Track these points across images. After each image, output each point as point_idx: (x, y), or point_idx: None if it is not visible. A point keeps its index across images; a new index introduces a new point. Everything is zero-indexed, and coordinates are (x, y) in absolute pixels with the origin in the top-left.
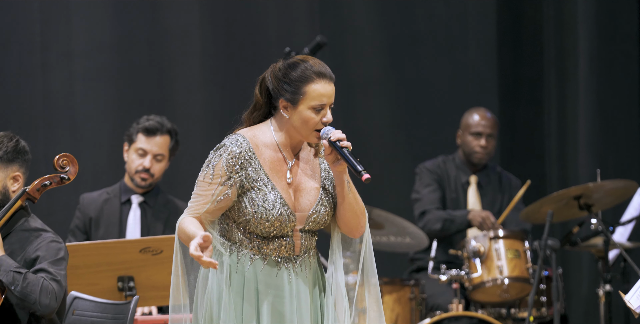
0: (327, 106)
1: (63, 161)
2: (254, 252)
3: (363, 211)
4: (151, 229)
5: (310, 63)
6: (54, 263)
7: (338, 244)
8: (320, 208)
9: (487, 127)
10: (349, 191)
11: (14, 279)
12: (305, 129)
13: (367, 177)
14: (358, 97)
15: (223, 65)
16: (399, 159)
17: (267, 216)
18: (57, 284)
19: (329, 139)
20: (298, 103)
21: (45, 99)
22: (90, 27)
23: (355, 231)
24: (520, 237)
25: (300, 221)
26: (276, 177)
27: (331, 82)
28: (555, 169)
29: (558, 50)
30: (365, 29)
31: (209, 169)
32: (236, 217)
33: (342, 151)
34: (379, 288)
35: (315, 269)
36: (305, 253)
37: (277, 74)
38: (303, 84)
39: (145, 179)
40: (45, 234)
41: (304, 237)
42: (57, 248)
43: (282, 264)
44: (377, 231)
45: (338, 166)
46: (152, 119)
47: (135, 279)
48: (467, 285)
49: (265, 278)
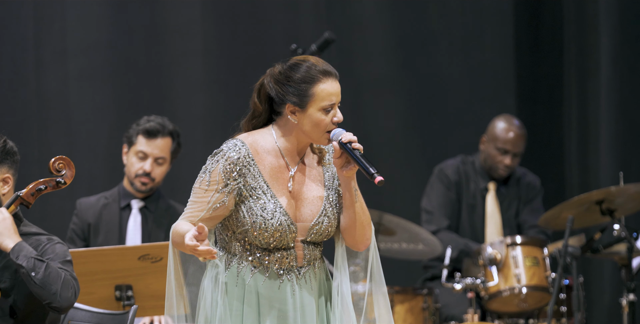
0: (335, 105)
1: (59, 164)
2: (255, 264)
3: (369, 221)
4: (152, 235)
5: (312, 62)
6: (65, 264)
7: (343, 257)
8: (323, 219)
9: (516, 146)
10: (356, 200)
11: (35, 266)
12: (317, 132)
13: (380, 179)
14: (368, 97)
15: (226, 64)
16: (411, 162)
17: (266, 225)
18: (76, 283)
19: (339, 141)
20: (307, 106)
21: (38, 99)
22: (86, 24)
23: (360, 244)
24: (538, 244)
25: (301, 232)
26: (276, 185)
27: (337, 79)
28: (576, 173)
29: (579, 49)
30: (376, 25)
31: (206, 175)
32: (235, 228)
33: (354, 153)
34: (388, 297)
35: (321, 280)
36: (309, 264)
37: (279, 78)
38: (310, 85)
39: (145, 184)
40: (46, 237)
41: (307, 248)
42: (63, 249)
43: (285, 276)
44: (389, 238)
45: (347, 171)
46: (153, 121)
47: (134, 288)
48: (483, 294)
49: (267, 291)
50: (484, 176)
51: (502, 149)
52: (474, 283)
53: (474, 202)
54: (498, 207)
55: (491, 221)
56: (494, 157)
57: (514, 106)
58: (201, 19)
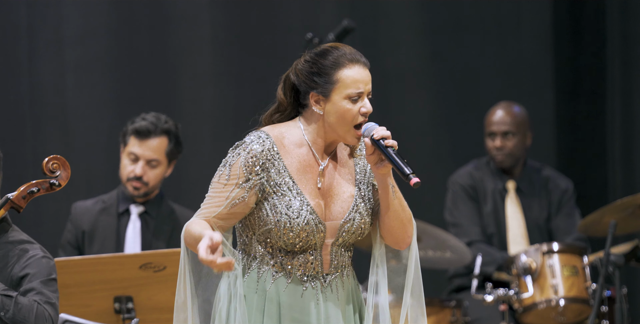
0: (364, 95)
1: (53, 164)
2: (277, 269)
3: (410, 218)
4: (153, 244)
5: (343, 50)
6: (47, 283)
7: (382, 257)
8: (354, 216)
9: (500, 124)
10: (394, 197)
11: (4, 305)
12: (343, 124)
13: (416, 181)
14: (393, 91)
15: (237, 55)
16: (440, 162)
17: (292, 225)
18: (52, 309)
19: (371, 136)
20: (331, 93)
21: (32, 93)
22: (84, 9)
23: (402, 242)
24: (577, 251)
25: (331, 232)
26: (304, 181)
27: (366, 67)
28: (619, 174)
29: (623, 38)
30: (402, 13)
31: (225, 168)
32: (256, 227)
33: (387, 151)
34: (425, 311)
35: (350, 291)
36: (336, 271)
37: (304, 66)
38: (334, 71)
39: (137, 188)
40: (33, 249)
41: (335, 252)
42: (49, 265)
43: (309, 283)
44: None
45: (382, 168)
46: (145, 119)
47: (135, 300)
48: (517, 307)
49: (288, 299)
50: (501, 176)
51: (489, 133)
52: (506, 295)
53: (494, 209)
54: (520, 207)
55: (513, 223)
56: (488, 146)
57: (552, 100)
58: (209, 4)
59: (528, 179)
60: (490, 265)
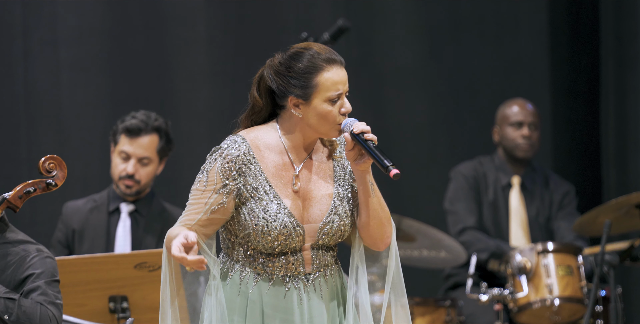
0: (343, 95)
1: (50, 164)
2: (259, 271)
3: (389, 218)
4: (143, 242)
5: (315, 50)
6: (51, 284)
7: (361, 258)
8: (333, 218)
9: (528, 115)
10: (373, 195)
11: (7, 308)
12: (325, 125)
13: (395, 172)
14: (389, 90)
15: (232, 55)
16: (436, 161)
17: (269, 229)
18: (56, 309)
19: (351, 131)
20: (311, 97)
21: (27, 92)
22: (79, 10)
23: (380, 243)
24: (572, 251)
25: (310, 235)
26: (280, 185)
27: (342, 66)
28: (614, 173)
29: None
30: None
31: (203, 175)
32: (237, 232)
33: (367, 144)
34: (409, 309)
35: (335, 289)
36: (319, 270)
37: (279, 69)
38: (313, 75)
39: (130, 187)
40: (35, 249)
41: (316, 253)
42: (53, 265)
43: (291, 283)
44: (408, 244)
45: (361, 164)
46: (136, 117)
47: (129, 299)
48: (512, 306)
49: (271, 300)
50: (507, 171)
51: (515, 123)
52: (501, 294)
53: (495, 199)
54: (523, 203)
55: (515, 218)
56: (510, 135)
57: (548, 99)
58: (205, 4)
59: (532, 176)
60: (483, 252)
